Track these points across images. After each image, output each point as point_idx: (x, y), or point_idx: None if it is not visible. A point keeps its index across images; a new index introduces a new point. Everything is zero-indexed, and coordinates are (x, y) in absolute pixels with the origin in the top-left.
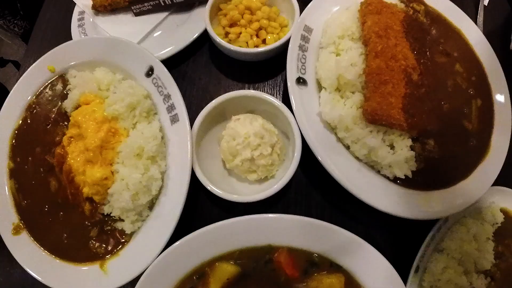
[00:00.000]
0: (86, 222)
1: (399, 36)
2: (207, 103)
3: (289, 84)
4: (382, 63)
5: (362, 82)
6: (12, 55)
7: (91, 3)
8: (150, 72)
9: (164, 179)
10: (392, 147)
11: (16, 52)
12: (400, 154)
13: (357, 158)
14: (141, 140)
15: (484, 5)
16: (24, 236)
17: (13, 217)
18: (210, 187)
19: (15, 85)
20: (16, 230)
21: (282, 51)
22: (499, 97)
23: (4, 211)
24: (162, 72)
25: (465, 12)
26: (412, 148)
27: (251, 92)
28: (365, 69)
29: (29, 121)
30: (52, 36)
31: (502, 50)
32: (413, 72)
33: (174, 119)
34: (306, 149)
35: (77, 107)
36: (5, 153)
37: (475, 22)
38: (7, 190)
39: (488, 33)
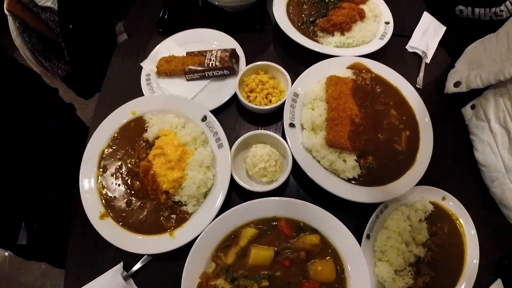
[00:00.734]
0: (162, 207)
1: (348, 97)
2: (237, 138)
3: (285, 127)
4: (335, 114)
5: (325, 125)
6: None
7: (155, 69)
8: (204, 118)
9: (214, 180)
10: (344, 160)
11: None
12: (349, 164)
13: (325, 168)
14: (201, 157)
15: (426, 63)
16: (109, 220)
17: (100, 208)
18: (241, 183)
19: (105, 120)
20: (102, 216)
21: (281, 108)
22: (423, 128)
23: (92, 204)
24: (212, 118)
25: (409, 69)
26: (357, 161)
27: (264, 131)
28: (327, 118)
29: (113, 146)
30: (120, 88)
31: (440, 94)
32: (356, 118)
33: (220, 146)
34: (295, 164)
35: (156, 137)
36: (95, 166)
37: (417, 77)
38: (95, 190)
39: (429, 83)
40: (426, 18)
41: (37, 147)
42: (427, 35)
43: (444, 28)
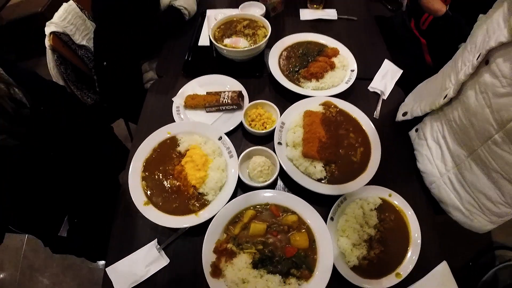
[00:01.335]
0: (190, 197)
1: (318, 124)
2: (243, 151)
3: (275, 144)
4: (308, 136)
5: (301, 143)
6: None
7: (183, 103)
8: (220, 138)
9: (227, 178)
10: (314, 167)
11: None
12: (318, 169)
13: (301, 171)
14: (218, 163)
15: (383, 99)
16: (150, 206)
17: (144, 198)
18: (245, 181)
19: (149, 137)
20: (145, 203)
21: (273, 132)
22: (374, 147)
23: (139, 195)
24: (225, 138)
25: (370, 104)
26: (323, 167)
27: (261, 147)
28: (303, 138)
29: (153, 156)
30: (155, 116)
31: (393, 122)
32: (322, 138)
33: (231, 156)
34: (281, 169)
35: (187, 150)
36: (140, 170)
37: (375, 110)
38: (140, 186)
39: (384, 114)
40: (386, 65)
41: (85, 157)
42: (386, 77)
43: (401, 71)
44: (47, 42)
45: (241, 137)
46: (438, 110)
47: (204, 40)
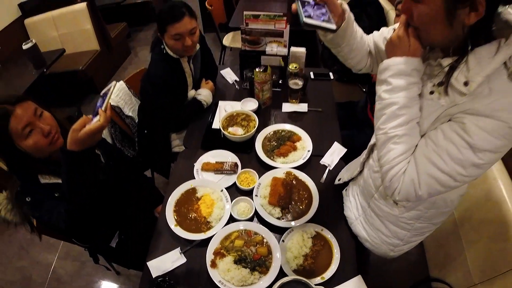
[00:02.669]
0: (202, 223)
1: (279, 185)
2: (234, 199)
3: (253, 196)
4: (272, 192)
5: (268, 195)
6: None
7: (201, 167)
8: (222, 190)
9: (224, 213)
10: (275, 210)
11: None
12: (276, 211)
13: (267, 212)
14: (220, 205)
15: (330, 169)
16: (178, 227)
17: (174, 222)
18: (234, 216)
19: (178, 187)
20: (175, 225)
21: (253, 189)
22: (314, 200)
23: (171, 220)
24: (225, 192)
25: (319, 173)
26: (281, 211)
27: (245, 197)
28: (269, 193)
29: (181, 198)
30: (181, 174)
31: (333, 184)
32: (281, 193)
33: (227, 201)
34: (256, 211)
35: (201, 196)
36: (172, 206)
37: (322, 177)
38: (172, 215)
39: (328, 180)
40: (335, 145)
41: (130, 191)
42: (334, 155)
43: (345, 150)
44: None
45: (234, 190)
46: (354, 178)
47: (216, 124)
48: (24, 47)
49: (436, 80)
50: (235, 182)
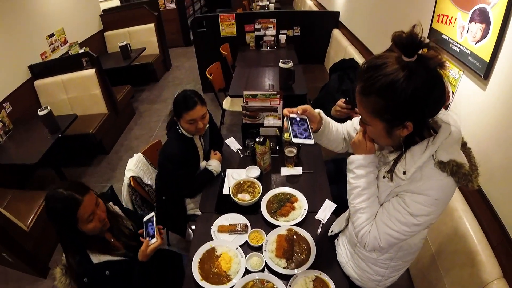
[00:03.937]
0: (222, 276)
1: (283, 241)
2: (247, 255)
3: (263, 251)
4: (278, 246)
5: (275, 249)
6: None
7: (217, 230)
8: (236, 248)
9: (240, 267)
10: (281, 261)
11: None
12: (282, 262)
13: (275, 263)
14: (236, 260)
15: (323, 223)
16: (203, 281)
17: (199, 276)
18: (248, 267)
19: (201, 247)
20: (200, 280)
21: (262, 245)
22: (312, 250)
23: (197, 275)
24: (239, 248)
25: (315, 227)
26: (285, 262)
27: (257, 253)
28: (276, 247)
29: (203, 256)
30: (201, 235)
31: (327, 235)
32: (285, 247)
33: (242, 257)
34: (266, 263)
35: (220, 253)
36: (197, 263)
37: (317, 230)
38: (198, 271)
39: (323, 232)
40: (326, 202)
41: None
42: (326, 210)
43: (335, 205)
44: (126, 181)
45: (246, 248)
46: (343, 230)
47: (226, 190)
48: (40, 113)
49: (387, 168)
50: (246, 240)
